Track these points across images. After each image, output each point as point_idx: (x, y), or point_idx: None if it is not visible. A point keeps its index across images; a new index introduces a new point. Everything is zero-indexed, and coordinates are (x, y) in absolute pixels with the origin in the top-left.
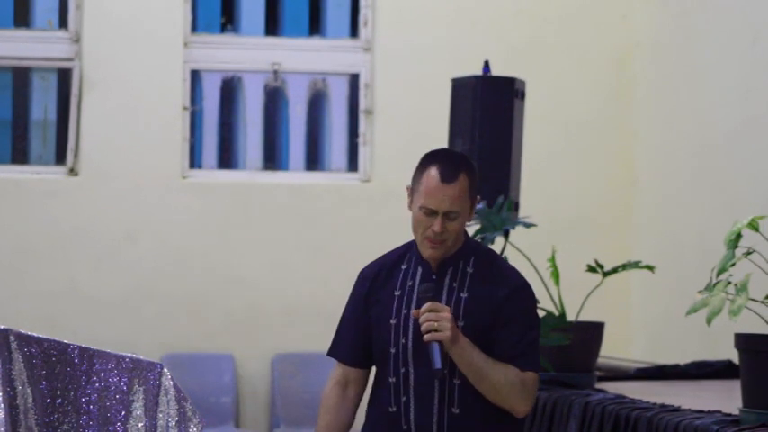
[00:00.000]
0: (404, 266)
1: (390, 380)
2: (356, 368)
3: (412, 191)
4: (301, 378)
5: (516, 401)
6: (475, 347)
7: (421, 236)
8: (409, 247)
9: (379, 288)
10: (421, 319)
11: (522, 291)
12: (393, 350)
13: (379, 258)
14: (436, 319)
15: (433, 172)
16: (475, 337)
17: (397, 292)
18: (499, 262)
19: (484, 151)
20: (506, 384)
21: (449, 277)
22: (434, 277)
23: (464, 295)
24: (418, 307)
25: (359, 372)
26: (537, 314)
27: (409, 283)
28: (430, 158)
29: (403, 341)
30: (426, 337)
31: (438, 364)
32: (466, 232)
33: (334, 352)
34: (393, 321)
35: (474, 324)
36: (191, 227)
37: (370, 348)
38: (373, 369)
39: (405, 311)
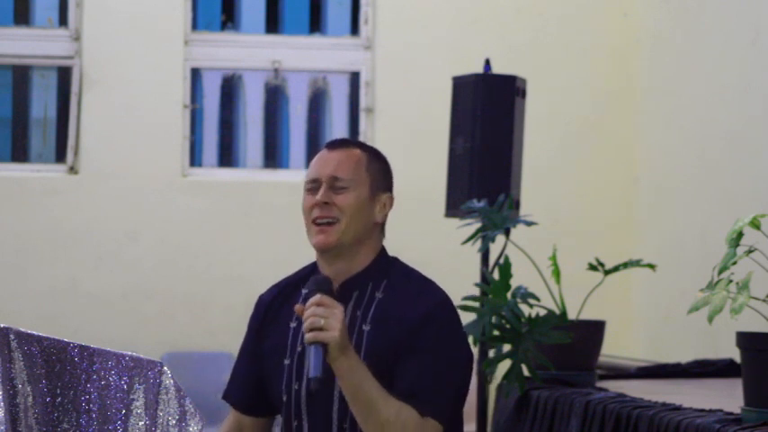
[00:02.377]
0: (305, 290)
1: None
2: (250, 416)
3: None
4: None
5: None
6: (368, 372)
7: (309, 222)
8: (314, 268)
9: (272, 318)
10: (305, 314)
11: (440, 310)
12: (285, 398)
13: (281, 280)
14: (324, 315)
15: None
16: (378, 378)
17: (292, 324)
18: (415, 278)
19: (485, 149)
20: (397, 425)
21: (352, 303)
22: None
23: (366, 328)
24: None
25: (255, 421)
26: (459, 346)
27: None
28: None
29: (296, 387)
30: (308, 336)
31: (316, 371)
32: (383, 249)
33: (228, 394)
34: (287, 362)
35: (378, 364)
36: (191, 225)
37: (267, 392)
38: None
39: (299, 349)
